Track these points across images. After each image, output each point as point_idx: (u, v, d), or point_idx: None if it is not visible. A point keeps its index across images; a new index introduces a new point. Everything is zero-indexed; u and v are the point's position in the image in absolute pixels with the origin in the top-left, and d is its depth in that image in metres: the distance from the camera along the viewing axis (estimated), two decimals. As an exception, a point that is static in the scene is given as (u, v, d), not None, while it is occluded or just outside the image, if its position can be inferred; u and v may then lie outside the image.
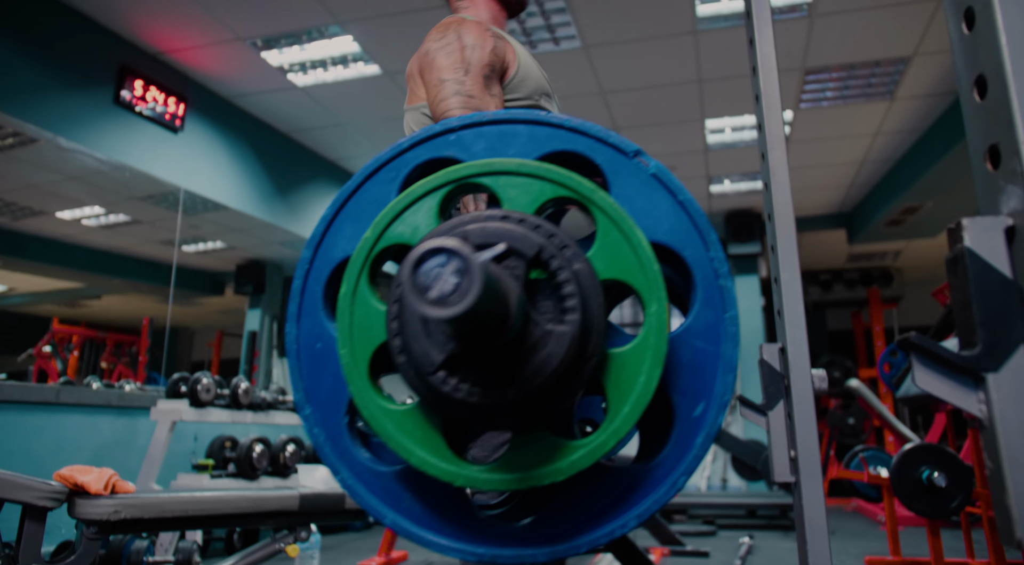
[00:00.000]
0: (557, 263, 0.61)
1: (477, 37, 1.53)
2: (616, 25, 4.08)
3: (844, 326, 9.64)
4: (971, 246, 0.73)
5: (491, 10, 1.76)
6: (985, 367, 0.73)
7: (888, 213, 6.51)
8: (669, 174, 0.72)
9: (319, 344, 0.74)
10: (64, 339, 6.41)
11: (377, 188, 0.75)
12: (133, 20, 3.97)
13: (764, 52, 1.57)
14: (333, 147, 5.77)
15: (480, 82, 1.49)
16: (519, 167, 0.68)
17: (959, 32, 0.78)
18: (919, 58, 4.45)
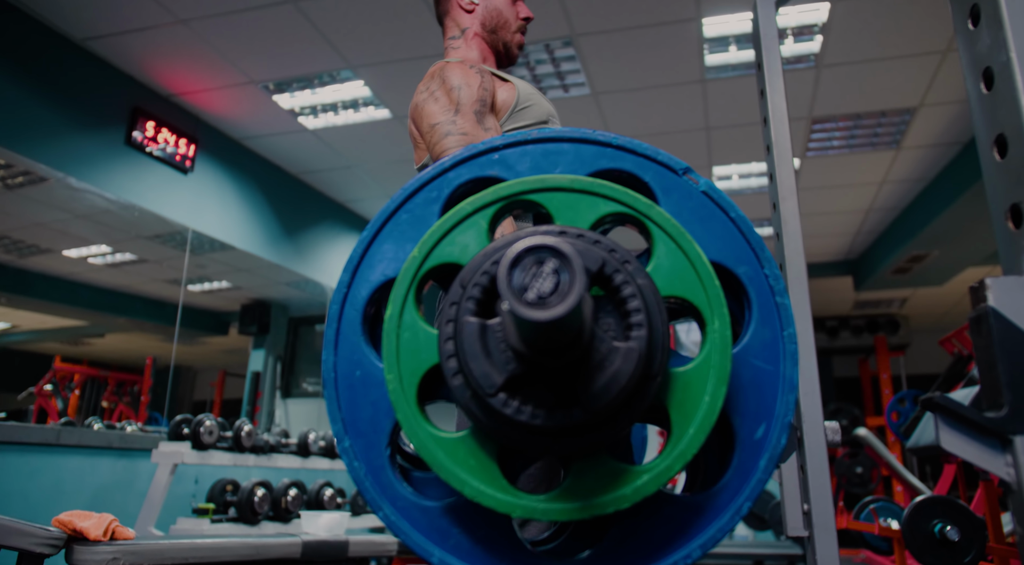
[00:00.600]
0: (621, 278, 0.60)
1: (462, 76, 1.55)
2: (625, 73, 4.13)
3: (851, 373, 9.57)
4: (995, 306, 0.72)
5: (482, 51, 1.79)
6: (1012, 429, 0.71)
7: (895, 261, 6.51)
8: (720, 191, 0.72)
9: (358, 372, 0.71)
10: (66, 377, 6.38)
11: (418, 208, 0.73)
12: (147, 62, 4.03)
13: (775, 103, 1.58)
14: (342, 189, 5.81)
15: (472, 118, 1.50)
16: (572, 183, 0.68)
17: (978, 92, 0.78)
18: (925, 109, 4.49)
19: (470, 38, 1.77)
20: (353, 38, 3.79)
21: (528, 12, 1.83)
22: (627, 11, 3.60)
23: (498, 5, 1.79)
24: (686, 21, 3.68)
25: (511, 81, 1.66)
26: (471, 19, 1.78)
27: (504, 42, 1.80)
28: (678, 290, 0.65)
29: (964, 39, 0.83)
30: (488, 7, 1.78)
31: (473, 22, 1.77)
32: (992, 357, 0.74)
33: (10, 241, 4.94)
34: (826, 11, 3.61)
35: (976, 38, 0.81)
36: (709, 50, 3.95)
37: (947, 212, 5.33)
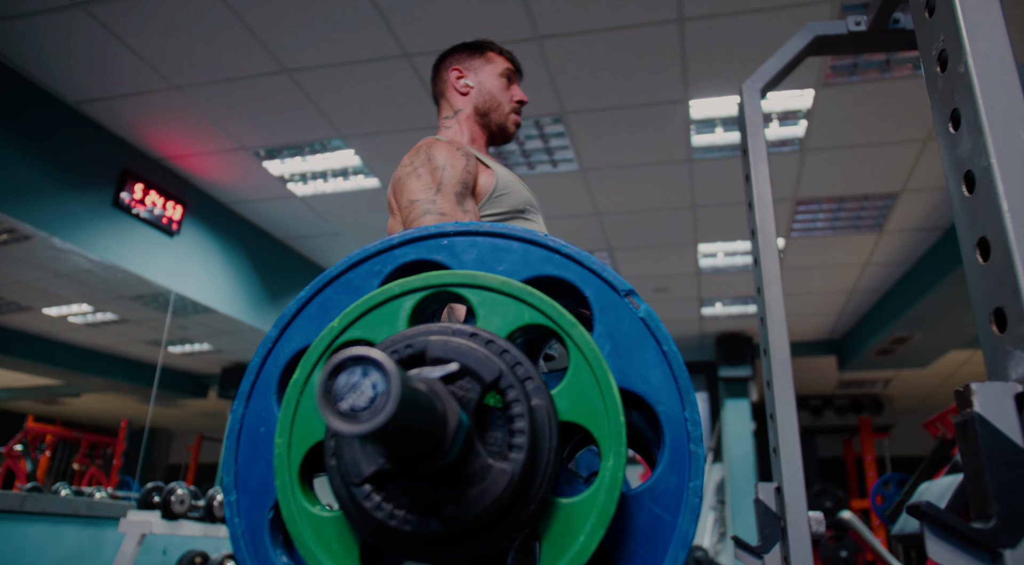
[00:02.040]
0: (514, 394, 0.58)
1: (447, 156, 1.57)
2: (613, 151, 4.20)
3: (835, 453, 9.50)
4: (981, 412, 0.70)
5: (472, 132, 1.81)
6: (1002, 543, 0.68)
7: (878, 342, 6.54)
8: (658, 321, 0.70)
9: (263, 428, 0.70)
10: (37, 438, 6.22)
11: (359, 279, 0.72)
12: (138, 126, 4.07)
13: (760, 189, 1.59)
14: (328, 256, 5.81)
15: (452, 200, 1.51)
16: (502, 286, 0.66)
17: (960, 194, 0.78)
18: (907, 194, 4.58)
19: (463, 120, 1.80)
20: (345, 108, 3.85)
21: (522, 95, 1.86)
22: (616, 92, 3.68)
23: (492, 89, 1.82)
24: (674, 103, 3.77)
25: (492, 168, 1.68)
26: (465, 101, 1.81)
27: (498, 123, 1.82)
28: (580, 418, 0.63)
29: (945, 142, 0.83)
30: (482, 91, 1.81)
31: (467, 105, 1.81)
32: (979, 465, 0.71)
33: (-11, 297, 4.88)
34: (810, 97, 3.71)
35: (957, 141, 0.81)
36: (696, 131, 4.04)
37: (929, 295, 5.38)
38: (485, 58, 1.85)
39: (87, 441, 6.51)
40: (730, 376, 7.26)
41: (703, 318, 6.99)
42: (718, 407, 7.60)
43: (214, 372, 6.48)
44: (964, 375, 8.08)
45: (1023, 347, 0.70)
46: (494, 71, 1.84)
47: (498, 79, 1.83)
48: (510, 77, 1.86)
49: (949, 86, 0.82)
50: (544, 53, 3.40)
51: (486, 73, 1.83)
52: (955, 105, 0.80)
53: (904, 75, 3.51)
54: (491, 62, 1.85)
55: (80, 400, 6.94)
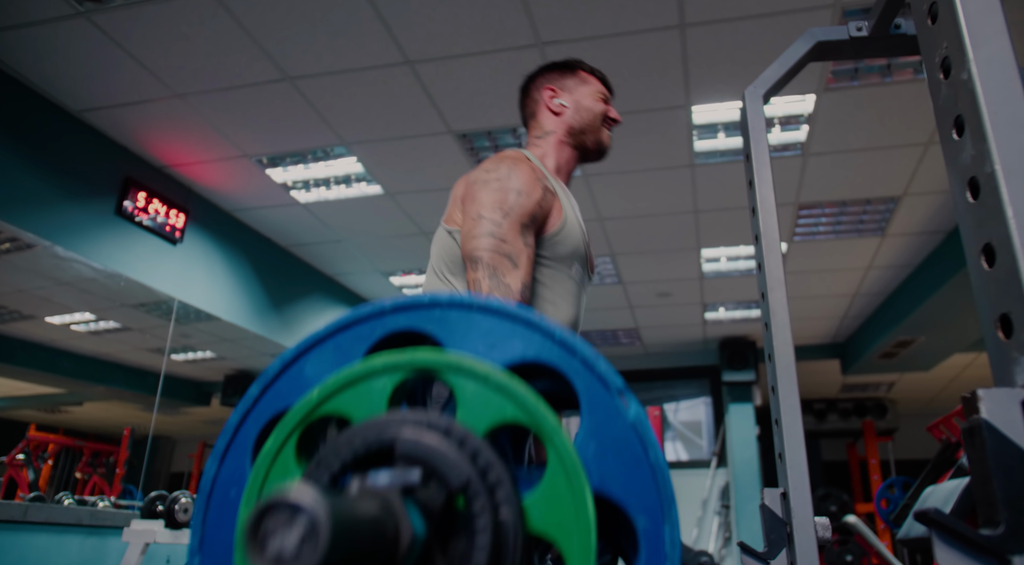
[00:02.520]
0: (479, 505, 0.56)
1: (526, 183, 1.52)
2: (615, 156, 4.20)
3: (839, 457, 9.48)
4: (988, 418, 0.70)
5: (561, 155, 1.78)
6: (1011, 549, 0.68)
7: (881, 345, 6.52)
8: (647, 427, 0.66)
9: (234, 491, 0.68)
10: (39, 447, 6.21)
11: (347, 343, 0.70)
12: (141, 134, 4.08)
13: (763, 194, 1.59)
14: (331, 262, 5.82)
15: (516, 229, 1.48)
16: (487, 375, 0.63)
17: (964, 201, 0.78)
18: (909, 198, 4.58)
19: (554, 143, 1.77)
20: (347, 116, 3.86)
21: (617, 115, 1.83)
22: (618, 97, 3.68)
23: (589, 107, 1.78)
24: (676, 108, 3.78)
25: (564, 209, 1.63)
26: (557, 122, 1.77)
27: (594, 140, 1.79)
28: (551, 530, 0.60)
29: (949, 148, 0.83)
30: (579, 109, 1.77)
31: (559, 126, 1.77)
32: (987, 471, 0.71)
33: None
34: (812, 102, 3.71)
35: (960, 148, 0.81)
36: (698, 136, 4.04)
37: (932, 299, 5.37)
38: (579, 78, 1.82)
39: (89, 450, 6.50)
40: (734, 380, 7.24)
41: (706, 322, 6.98)
42: (722, 412, 7.59)
43: (217, 379, 6.48)
44: (968, 378, 8.07)
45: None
46: (589, 92, 1.80)
47: (593, 100, 1.80)
48: (606, 100, 1.83)
49: (952, 93, 0.82)
50: (546, 59, 3.41)
51: (581, 93, 1.80)
52: (958, 112, 0.81)
53: (905, 79, 3.51)
54: (586, 82, 1.82)
55: (82, 408, 6.93)
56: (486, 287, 1.42)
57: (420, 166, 4.34)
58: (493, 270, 1.43)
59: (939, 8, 0.84)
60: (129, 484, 5.74)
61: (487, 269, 1.43)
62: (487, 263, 1.43)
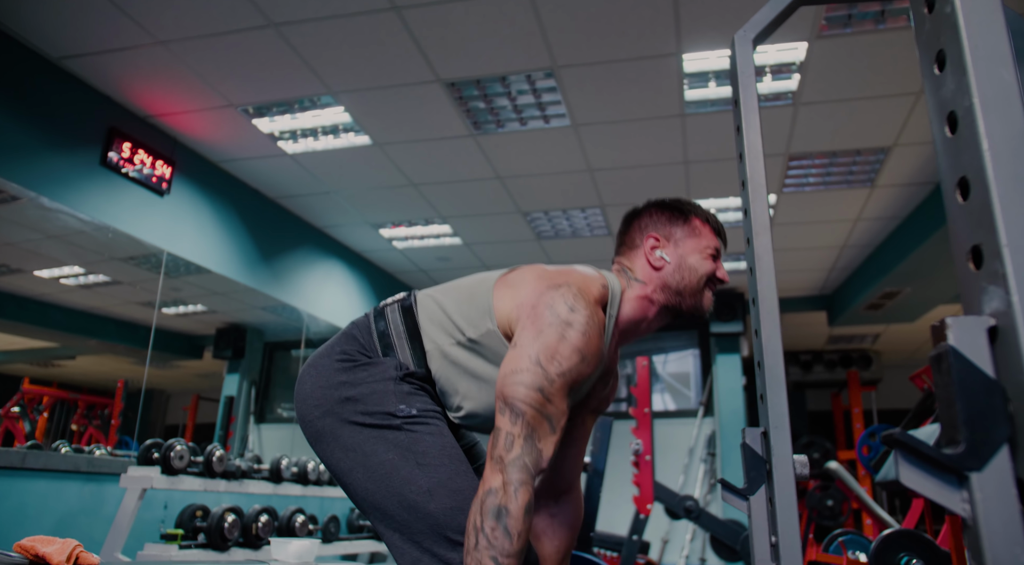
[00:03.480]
0: None
1: (593, 352, 1.41)
2: (605, 106, 4.18)
3: (824, 407, 9.64)
4: (955, 345, 0.73)
5: (639, 311, 1.60)
6: (969, 466, 0.71)
7: (868, 297, 6.59)
8: None
9: None
10: (34, 400, 6.26)
11: None
12: (124, 83, 4.02)
13: (751, 140, 1.60)
14: (320, 214, 5.80)
15: (564, 392, 1.39)
16: None
17: (943, 135, 0.79)
18: (899, 148, 4.58)
19: (640, 297, 1.59)
20: (334, 64, 3.81)
21: (725, 275, 1.61)
22: (608, 45, 3.65)
23: (694, 267, 1.57)
24: (666, 56, 3.74)
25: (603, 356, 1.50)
26: (652, 276, 1.58)
27: (690, 306, 1.58)
28: None
29: (930, 83, 0.84)
30: (682, 268, 1.57)
31: (654, 280, 1.58)
32: (951, 395, 0.74)
33: (-21, 260, 4.86)
34: (804, 50, 3.69)
35: (941, 82, 0.82)
36: (689, 85, 4.01)
37: (919, 250, 5.42)
38: (690, 228, 1.60)
39: (84, 402, 6.55)
40: (721, 332, 7.32)
41: (695, 275, 7.02)
42: (710, 363, 7.68)
43: (208, 333, 6.50)
44: (952, 329, 8.17)
45: (997, 282, 0.72)
46: (699, 246, 1.59)
47: (702, 258, 1.58)
48: (715, 256, 1.61)
49: (935, 27, 0.83)
50: (536, 6, 3.36)
51: (689, 248, 1.58)
52: (941, 46, 0.81)
53: (899, 27, 3.49)
54: (697, 236, 1.60)
55: (75, 362, 6.95)
56: (519, 448, 1.32)
57: (409, 116, 4.30)
58: (531, 431, 1.34)
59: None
60: (125, 435, 5.80)
61: (526, 427, 1.33)
62: (528, 421, 1.34)
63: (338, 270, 6.42)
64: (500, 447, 1.31)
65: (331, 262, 6.33)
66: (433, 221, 5.90)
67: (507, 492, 1.27)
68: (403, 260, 6.84)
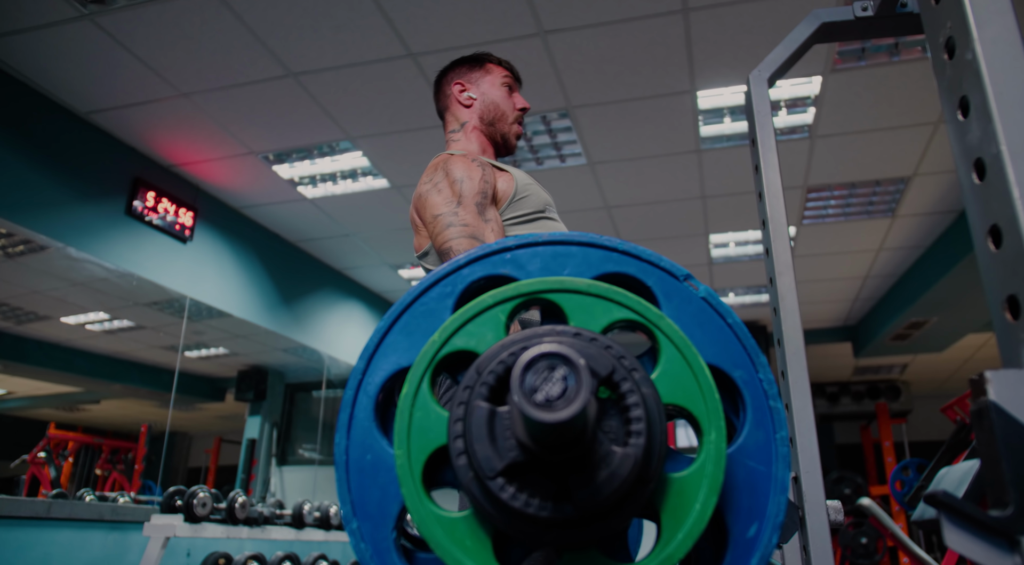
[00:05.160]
0: (628, 386, 0.63)
1: (464, 169, 1.61)
2: (621, 144, 4.19)
3: (852, 439, 9.45)
4: (996, 400, 0.70)
5: (481, 142, 1.85)
6: (1019, 529, 0.68)
7: (894, 327, 6.49)
8: (718, 298, 0.74)
9: (369, 456, 0.74)
10: (60, 445, 6.29)
11: (433, 302, 0.76)
12: (148, 134, 4.10)
13: (770, 179, 1.59)
14: (340, 257, 5.84)
15: (473, 210, 1.55)
16: (588, 287, 0.71)
17: (970, 182, 0.78)
18: (919, 178, 4.55)
19: (469, 131, 1.84)
20: (352, 110, 3.87)
21: (524, 103, 1.90)
22: (623, 85, 3.68)
23: (495, 99, 1.86)
24: (681, 94, 3.76)
25: (509, 171, 1.71)
26: (470, 113, 1.85)
27: (502, 133, 1.86)
28: (679, 399, 0.69)
29: (954, 129, 0.83)
30: (485, 101, 1.85)
31: (472, 116, 1.84)
32: (996, 454, 0.71)
33: (8, 308, 4.93)
34: (818, 84, 3.69)
35: (966, 129, 0.81)
36: (704, 121, 4.02)
37: (945, 279, 5.34)
38: (484, 70, 1.89)
39: (108, 447, 6.58)
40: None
41: (716, 308, 6.96)
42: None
43: (231, 375, 6.53)
44: (982, 358, 8.02)
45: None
46: (495, 81, 1.88)
47: (500, 89, 1.87)
48: (511, 86, 1.90)
49: (957, 73, 0.82)
50: (549, 48, 3.40)
51: (487, 84, 1.87)
52: (964, 92, 0.80)
53: (913, 58, 3.48)
54: (490, 73, 1.89)
55: (100, 406, 7.01)
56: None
57: (426, 159, 4.32)
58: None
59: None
60: (148, 479, 5.81)
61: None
62: (458, 250, 1.50)
63: (358, 311, 6.44)
64: None
65: (351, 303, 6.35)
66: (452, 261, 5.92)
67: None
68: (423, 300, 6.84)
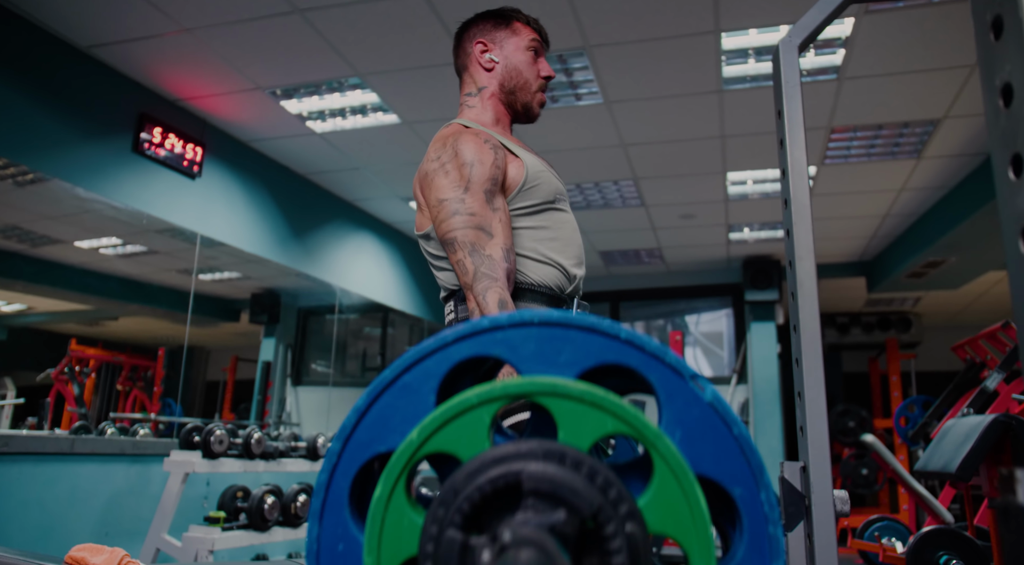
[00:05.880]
0: (611, 528, 0.60)
1: (476, 152, 1.50)
2: (640, 83, 4.04)
3: (860, 368, 9.50)
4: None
5: (497, 112, 1.73)
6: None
7: (910, 266, 6.40)
8: (725, 404, 0.71)
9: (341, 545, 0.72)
10: (81, 361, 6.44)
11: (417, 381, 0.72)
12: (152, 69, 3.98)
13: (795, 157, 1.49)
14: (350, 189, 5.76)
15: (481, 198, 1.47)
16: (583, 394, 0.67)
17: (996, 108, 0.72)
18: (949, 121, 4.38)
19: (487, 98, 1.71)
20: (360, 47, 3.72)
21: (550, 71, 1.75)
22: (643, 24, 3.51)
23: (518, 65, 1.71)
24: (704, 34, 3.59)
25: (521, 157, 1.61)
26: (489, 78, 1.71)
27: (523, 103, 1.73)
28: (669, 530, 0.65)
29: (984, 53, 0.77)
30: (508, 67, 1.71)
31: (491, 81, 1.71)
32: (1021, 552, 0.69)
33: (23, 231, 4.94)
34: (850, 26, 3.51)
35: (998, 51, 0.75)
36: (727, 61, 3.86)
37: (967, 221, 5.22)
38: (511, 29, 1.74)
39: (128, 364, 6.73)
40: (756, 300, 7.22)
41: (730, 243, 6.88)
42: (744, 330, 7.59)
43: (244, 297, 6.59)
44: (997, 294, 7.94)
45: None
46: (520, 44, 1.73)
47: (525, 53, 1.72)
48: (537, 50, 1.75)
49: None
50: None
51: (512, 46, 1.72)
52: (998, 11, 0.74)
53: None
54: (517, 34, 1.73)
55: (118, 323, 7.12)
56: (470, 265, 1.42)
57: (439, 96, 4.21)
58: (472, 246, 1.43)
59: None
60: (168, 397, 5.96)
61: (466, 247, 1.43)
62: (463, 241, 1.43)
63: (370, 242, 6.41)
64: (461, 276, 1.44)
65: (362, 235, 6.32)
66: (464, 193, 5.83)
67: (480, 302, 1.39)
68: (435, 229, 6.80)
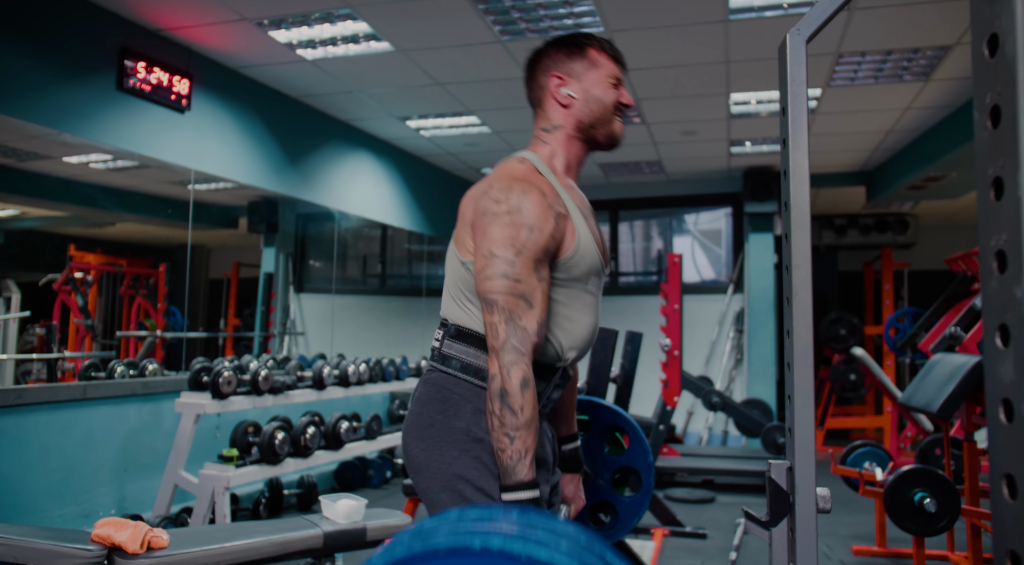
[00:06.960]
0: None
1: (538, 217, 1.47)
2: (642, 12, 3.87)
3: (855, 268, 9.59)
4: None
5: (571, 151, 1.65)
6: None
7: (911, 180, 6.36)
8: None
9: None
10: (83, 270, 6.48)
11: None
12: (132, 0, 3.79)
13: (797, 159, 1.43)
14: (345, 109, 5.62)
15: (530, 267, 1.46)
16: None
17: (981, 56, 0.76)
18: (961, 46, 4.24)
19: (562, 140, 1.63)
20: (352, -17, 3.54)
21: (630, 100, 1.64)
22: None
23: (599, 96, 1.61)
24: (711, -31, 3.42)
25: (577, 227, 1.55)
26: (565, 116, 1.62)
27: (605, 135, 1.64)
28: None
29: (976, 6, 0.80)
30: (588, 101, 1.60)
31: (567, 120, 1.62)
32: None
33: (8, 148, 4.86)
34: (863, -40, 3.34)
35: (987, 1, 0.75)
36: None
37: (970, 142, 5.15)
38: (588, 61, 1.61)
39: (130, 273, 6.79)
40: (756, 211, 7.22)
41: (732, 156, 6.80)
42: (742, 240, 7.63)
43: (242, 204, 6.54)
44: (995, 199, 7.88)
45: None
46: (600, 77, 1.61)
47: (605, 88, 1.61)
48: (617, 83, 1.63)
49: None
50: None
51: (592, 80, 1.61)
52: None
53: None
54: (596, 66, 1.61)
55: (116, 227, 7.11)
56: (503, 332, 1.43)
57: (432, 25, 4.04)
58: (509, 314, 1.43)
59: None
60: (172, 306, 6.06)
61: (503, 313, 1.44)
62: (503, 306, 1.43)
63: (367, 161, 6.32)
64: (490, 338, 1.45)
65: (359, 154, 6.22)
66: (461, 113, 5.70)
67: (503, 375, 1.41)
68: (431, 146, 6.68)
